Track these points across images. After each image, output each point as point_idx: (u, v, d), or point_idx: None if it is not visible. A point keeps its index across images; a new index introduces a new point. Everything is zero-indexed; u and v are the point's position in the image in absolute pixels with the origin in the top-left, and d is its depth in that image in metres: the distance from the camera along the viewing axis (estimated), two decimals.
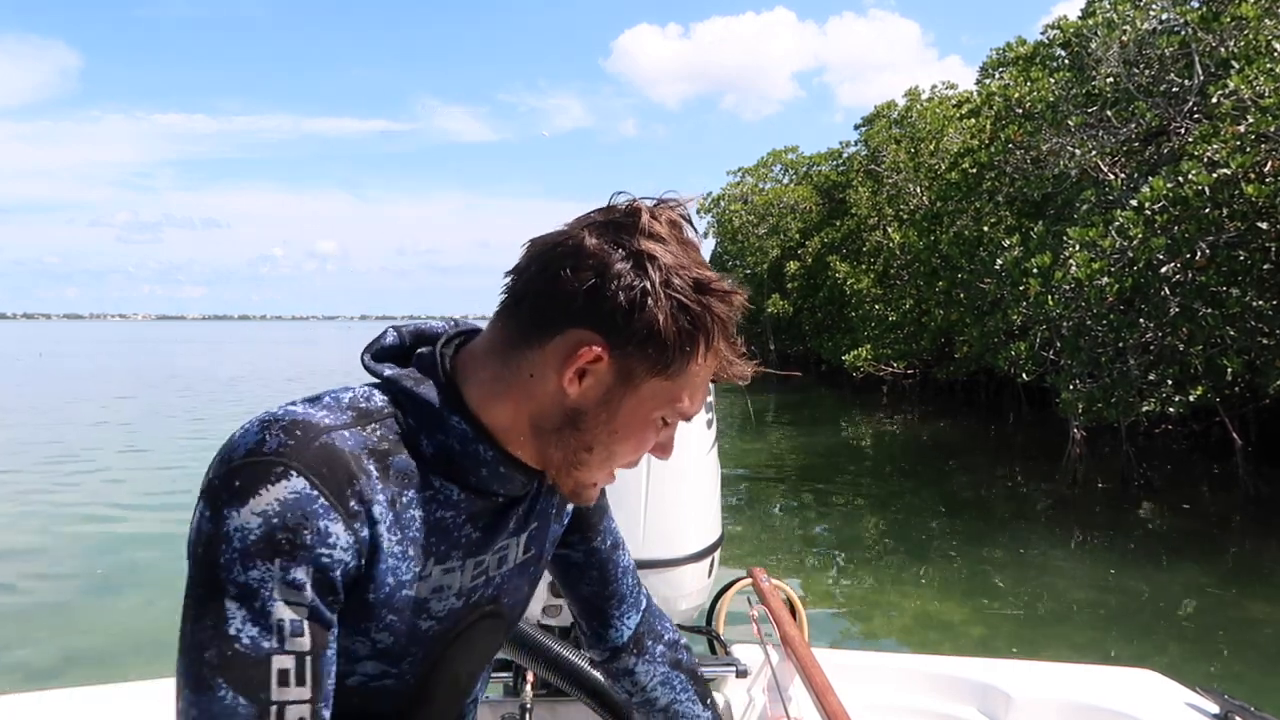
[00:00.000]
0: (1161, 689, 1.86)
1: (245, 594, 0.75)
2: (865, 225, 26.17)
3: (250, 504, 0.76)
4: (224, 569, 0.75)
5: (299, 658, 0.76)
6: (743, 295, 0.83)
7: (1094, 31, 10.85)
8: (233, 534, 0.75)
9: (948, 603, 6.96)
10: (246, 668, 0.74)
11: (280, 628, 0.75)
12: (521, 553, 0.97)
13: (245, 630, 0.75)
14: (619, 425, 0.83)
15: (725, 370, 0.84)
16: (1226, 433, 10.58)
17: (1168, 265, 8.51)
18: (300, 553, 0.76)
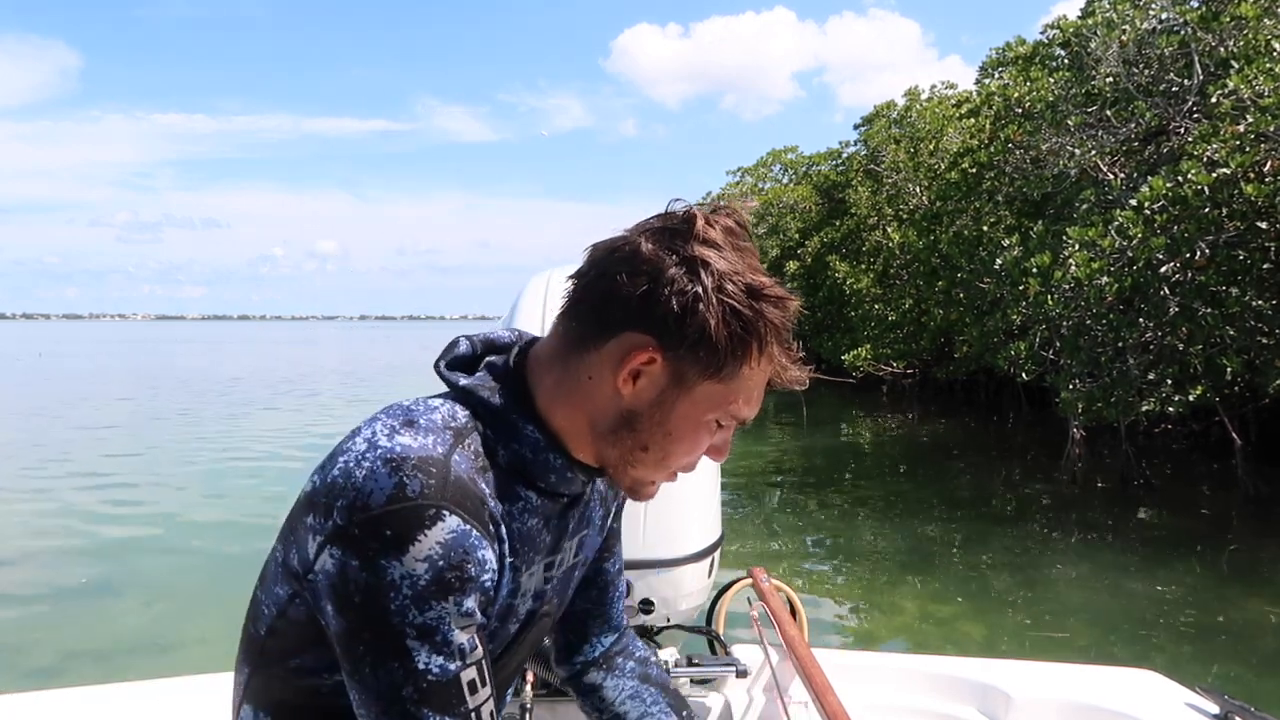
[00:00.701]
0: (1161, 689, 1.86)
1: (425, 632, 0.80)
2: (865, 225, 26.17)
3: (412, 551, 0.78)
4: (397, 614, 0.79)
5: (479, 666, 0.84)
6: (798, 302, 0.84)
7: (1093, 31, 10.85)
8: (400, 582, 0.78)
9: (947, 603, 6.96)
10: (443, 692, 0.81)
11: (462, 650, 0.82)
12: (573, 556, 1.03)
13: (433, 661, 0.81)
14: (672, 427, 0.85)
15: (780, 375, 0.86)
16: (1226, 432, 10.58)
17: (1167, 265, 8.51)
18: (469, 585, 0.81)
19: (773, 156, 37.24)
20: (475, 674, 0.83)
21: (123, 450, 14.53)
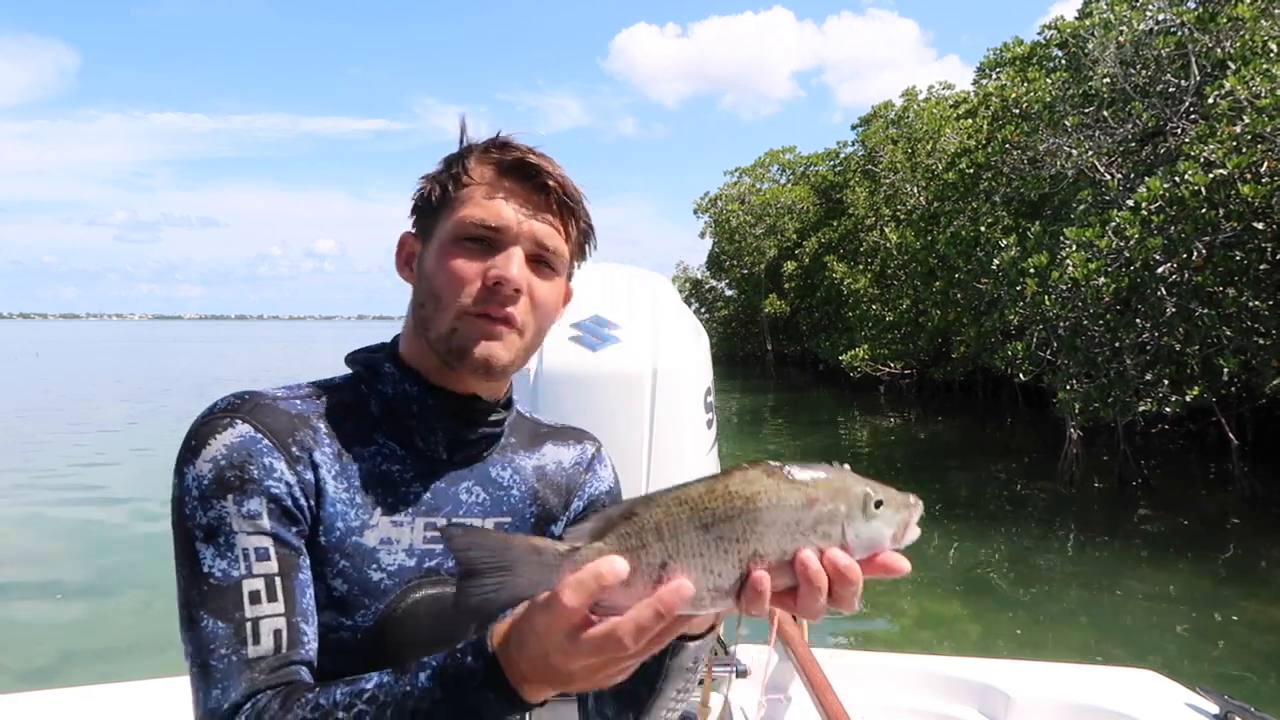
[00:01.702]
0: (1161, 689, 1.86)
1: (210, 533, 0.87)
2: (862, 225, 26.21)
3: (203, 454, 0.90)
4: (189, 517, 0.88)
5: (268, 579, 0.87)
6: (508, 143, 0.99)
7: (1091, 32, 10.87)
8: (191, 485, 0.88)
9: (946, 602, 6.97)
10: (221, 596, 0.85)
11: (246, 555, 0.86)
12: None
13: (217, 565, 0.86)
14: (430, 271, 0.97)
15: (486, 181, 0.98)
16: (1223, 432, 10.61)
17: (1164, 265, 8.53)
18: (250, 486, 0.88)
19: (771, 157, 37.27)
20: (263, 586, 0.86)
21: (123, 449, 14.51)
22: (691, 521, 0.65)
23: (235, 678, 0.83)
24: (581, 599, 0.65)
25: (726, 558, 0.65)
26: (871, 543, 0.68)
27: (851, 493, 0.68)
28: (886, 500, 0.68)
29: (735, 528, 0.65)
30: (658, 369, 1.85)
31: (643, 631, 0.64)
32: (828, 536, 0.67)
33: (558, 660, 0.68)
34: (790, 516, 0.66)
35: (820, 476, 0.67)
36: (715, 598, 0.66)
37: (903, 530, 0.69)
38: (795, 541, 0.66)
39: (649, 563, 0.66)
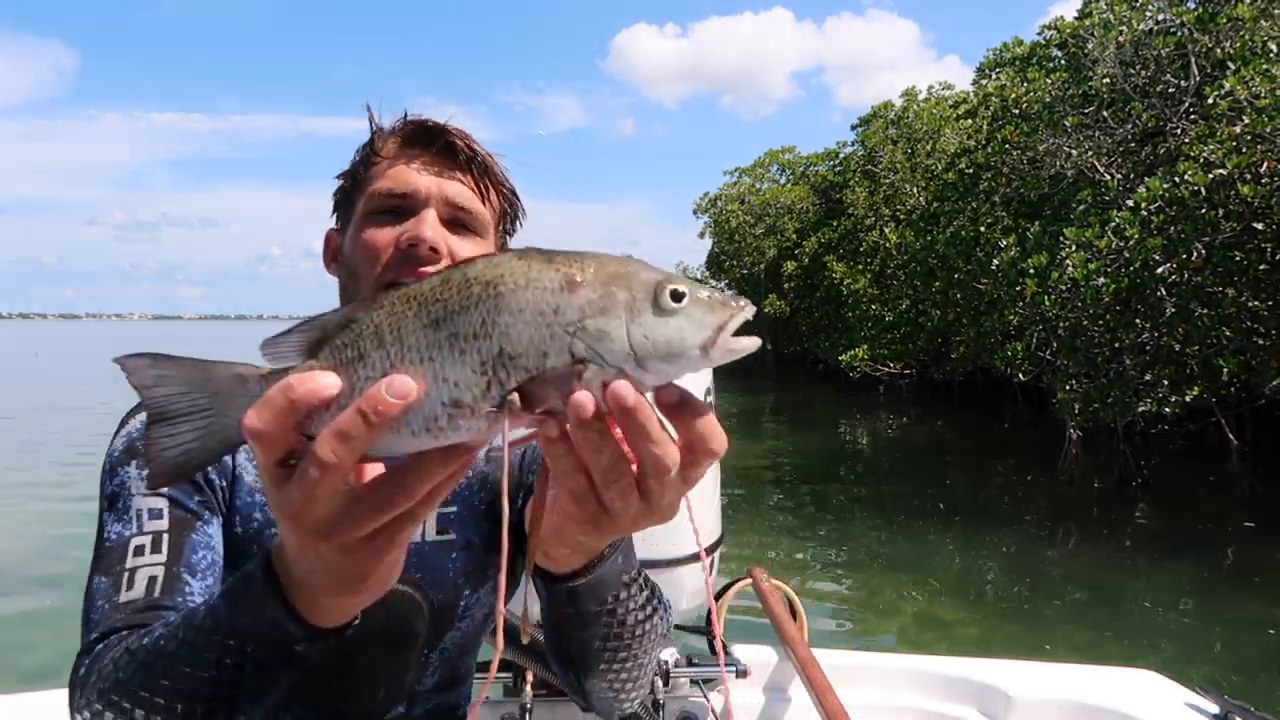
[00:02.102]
0: (1161, 689, 1.86)
1: (112, 500, 0.90)
2: (862, 225, 26.20)
3: (122, 431, 0.93)
4: (100, 493, 0.92)
5: (156, 535, 0.88)
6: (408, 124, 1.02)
7: (1090, 32, 10.87)
8: (106, 460, 0.92)
9: (946, 602, 6.97)
10: (110, 555, 0.87)
11: (139, 516, 0.88)
12: (434, 531, 1.03)
13: (113, 529, 0.89)
14: (346, 250, 1.00)
15: (392, 154, 1.00)
16: (1223, 433, 10.61)
17: (1164, 266, 8.53)
18: None
19: (770, 157, 37.26)
20: (148, 541, 0.87)
21: None
22: (419, 319, 0.50)
23: (105, 621, 0.83)
24: (267, 420, 0.50)
25: (464, 360, 0.49)
26: (669, 349, 0.49)
27: (636, 278, 0.50)
28: (690, 293, 0.51)
29: (472, 319, 0.50)
30: None
31: (345, 440, 0.49)
32: (604, 337, 0.49)
33: (287, 531, 0.55)
34: (544, 302, 0.49)
35: (591, 256, 0.51)
36: (457, 415, 0.50)
37: (716, 336, 0.51)
38: (556, 341, 0.49)
39: (369, 376, 0.51)
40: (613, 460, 0.53)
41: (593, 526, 0.59)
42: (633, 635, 0.88)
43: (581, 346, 0.49)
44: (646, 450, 0.52)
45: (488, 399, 0.50)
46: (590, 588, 0.80)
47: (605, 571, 0.79)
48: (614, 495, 0.55)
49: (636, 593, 0.87)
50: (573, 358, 0.50)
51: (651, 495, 0.55)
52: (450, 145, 0.99)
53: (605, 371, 0.49)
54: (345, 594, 0.59)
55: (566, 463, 0.54)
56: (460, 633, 1.06)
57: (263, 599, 0.63)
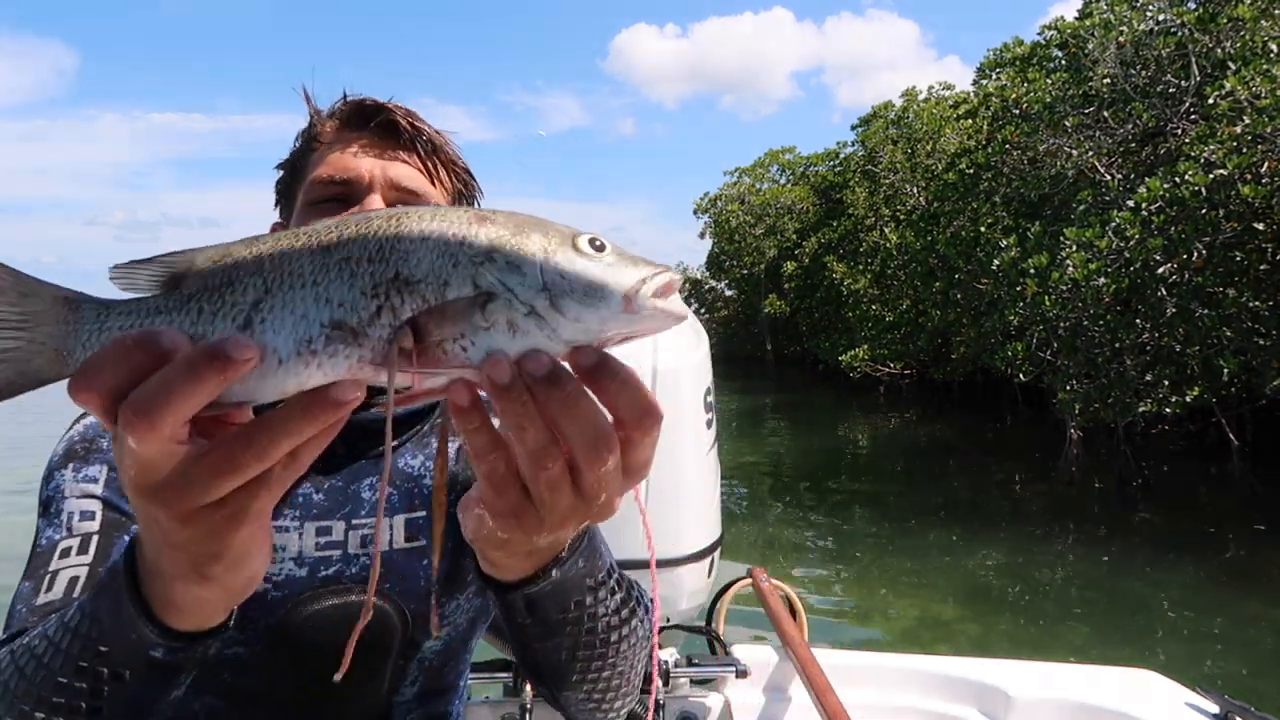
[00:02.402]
0: (1161, 689, 1.86)
1: (46, 505, 0.86)
2: (862, 225, 26.20)
3: (63, 438, 0.89)
4: (39, 498, 0.87)
5: (84, 538, 0.83)
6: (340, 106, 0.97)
7: (1091, 32, 10.87)
8: (47, 466, 0.88)
9: (946, 602, 6.97)
10: (38, 559, 0.83)
11: (70, 518, 0.84)
12: (402, 538, 0.94)
13: (45, 535, 0.85)
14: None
15: (331, 139, 0.95)
16: (1223, 433, 10.61)
17: (1164, 266, 8.53)
18: (94, 455, 0.86)
19: (770, 157, 37.26)
20: (76, 543, 0.82)
21: None
22: (307, 243, 0.45)
23: (18, 624, 0.78)
24: (97, 385, 0.42)
25: (353, 281, 0.44)
26: (586, 290, 0.44)
27: (553, 225, 0.46)
28: (612, 245, 0.46)
29: (368, 244, 0.44)
30: (658, 369, 1.85)
31: (163, 396, 0.41)
32: (514, 269, 0.44)
33: (130, 496, 0.47)
34: (450, 230, 0.45)
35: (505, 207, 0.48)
36: (336, 339, 0.43)
37: (639, 286, 0.45)
38: (460, 270, 0.44)
39: (235, 303, 0.44)
40: (539, 441, 0.46)
41: (515, 522, 0.51)
42: (606, 643, 0.78)
43: (488, 278, 0.44)
44: (576, 430, 0.45)
45: (376, 326, 0.43)
46: (547, 595, 0.70)
47: (564, 577, 0.70)
48: (541, 485, 0.48)
49: (607, 596, 0.77)
50: (475, 289, 0.44)
51: (586, 486, 0.48)
52: (391, 124, 0.91)
53: (512, 310, 0.44)
54: (195, 579, 0.50)
55: (481, 439, 0.47)
56: (441, 641, 1.00)
57: (119, 590, 0.55)
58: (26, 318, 0.46)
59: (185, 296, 0.45)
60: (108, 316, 0.46)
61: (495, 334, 0.44)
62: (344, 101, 0.95)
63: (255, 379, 0.44)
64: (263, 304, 0.44)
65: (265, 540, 0.51)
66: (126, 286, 0.47)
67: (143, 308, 0.46)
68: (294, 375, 0.44)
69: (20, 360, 0.46)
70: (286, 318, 0.44)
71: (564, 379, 0.44)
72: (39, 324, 0.46)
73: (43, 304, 0.46)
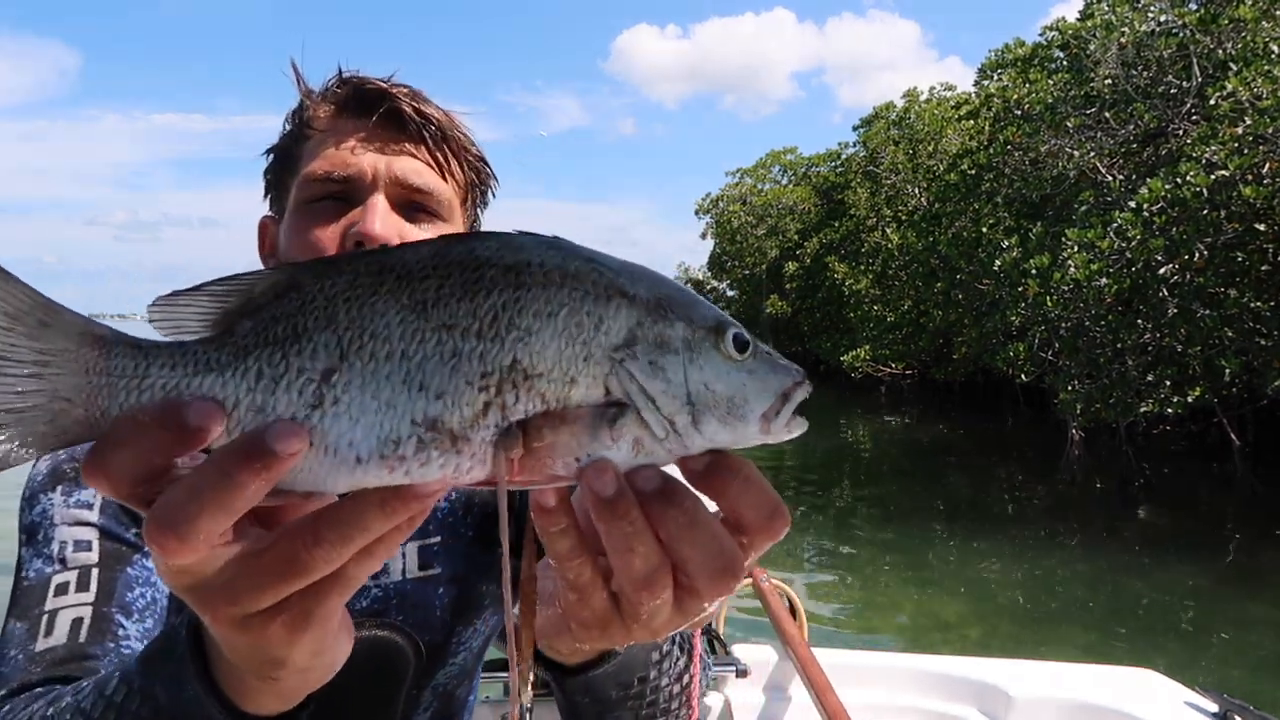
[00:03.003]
0: (1161, 688, 1.86)
1: (32, 532, 0.76)
2: (864, 226, 26.20)
3: (46, 455, 0.79)
4: (20, 524, 0.77)
5: (82, 571, 0.73)
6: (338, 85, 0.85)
7: (1092, 33, 10.87)
8: (26, 487, 0.77)
9: (947, 602, 6.96)
10: (28, 596, 0.73)
11: (63, 548, 0.74)
12: (416, 566, 0.88)
13: (33, 567, 0.75)
14: (283, 247, 0.84)
15: (327, 127, 0.85)
16: (1224, 433, 10.60)
17: (1166, 266, 8.53)
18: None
19: (772, 158, 37.25)
20: (73, 578, 0.72)
21: None
22: (397, 295, 0.35)
23: (17, 675, 0.68)
24: (113, 445, 0.34)
25: (458, 366, 0.35)
26: (729, 409, 0.38)
27: (696, 309, 0.39)
28: (754, 344, 0.40)
29: (479, 310, 0.35)
30: None
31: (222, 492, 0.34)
32: (659, 374, 0.37)
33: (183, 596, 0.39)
34: (584, 310, 0.36)
35: (635, 265, 0.39)
36: (432, 444, 0.35)
37: (780, 405, 0.40)
38: (593, 367, 0.36)
39: (303, 370, 0.35)
40: (649, 566, 0.39)
41: (599, 632, 0.44)
42: (667, 711, 0.72)
43: (621, 384, 0.36)
44: (697, 554, 0.39)
45: (480, 427, 0.35)
46: (609, 676, 0.64)
47: (628, 655, 0.64)
48: (643, 610, 0.41)
49: (670, 666, 0.71)
50: (606, 394, 0.36)
51: (690, 604, 0.41)
52: (395, 112, 0.81)
53: (644, 426, 0.36)
54: (266, 678, 0.44)
55: (567, 544, 0.40)
56: (456, 667, 0.95)
57: (183, 669, 0.48)
58: (46, 359, 0.36)
59: (241, 349, 0.36)
60: (147, 368, 0.37)
61: (617, 452, 0.37)
62: (339, 82, 0.84)
63: (327, 469, 0.36)
64: (337, 377, 0.35)
65: (341, 634, 0.44)
66: (169, 328, 0.38)
67: (190, 360, 0.37)
68: (371, 478, 0.36)
69: (37, 418, 0.36)
70: (367, 403, 0.35)
71: (681, 494, 0.38)
72: (62, 370, 0.36)
73: (67, 341, 0.36)
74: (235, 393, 0.36)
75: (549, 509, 0.39)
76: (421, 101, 0.83)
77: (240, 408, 0.36)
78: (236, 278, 0.38)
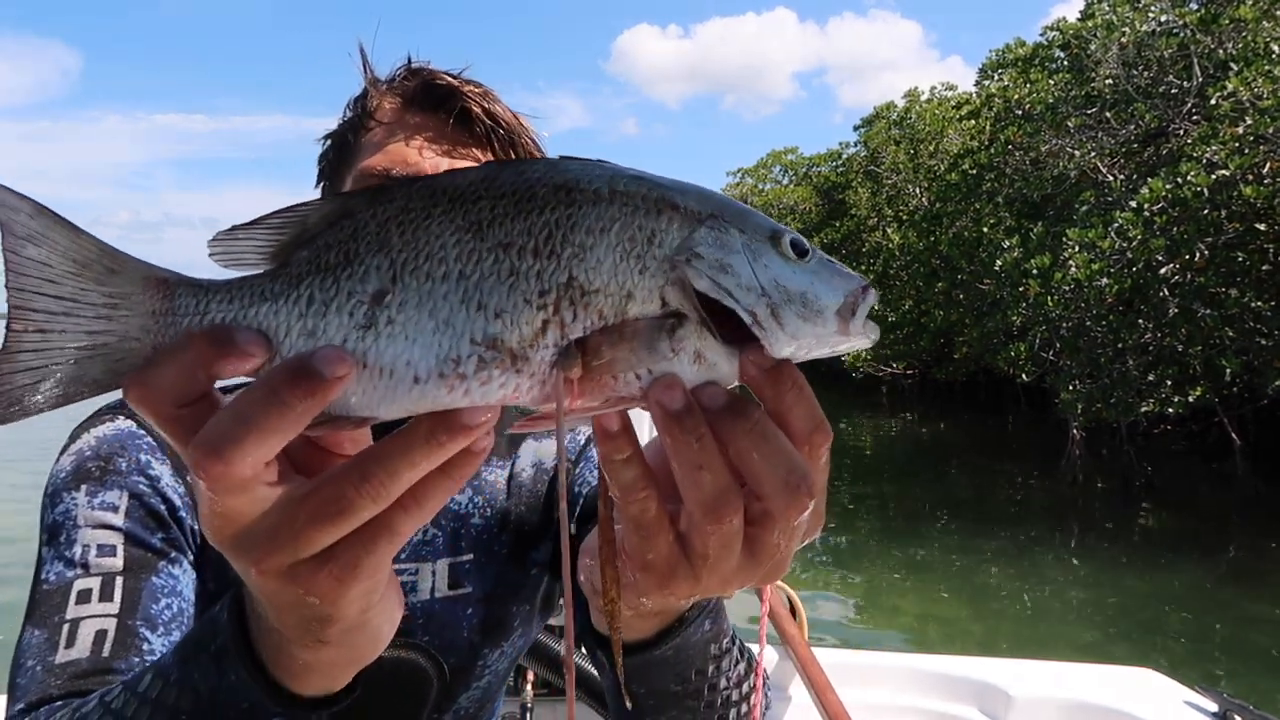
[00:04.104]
0: (1161, 688, 1.86)
1: (53, 533, 0.73)
2: (865, 226, 26.20)
3: (70, 449, 0.75)
4: (41, 522, 0.74)
5: (106, 578, 0.70)
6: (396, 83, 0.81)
7: (1093, 33, 10.87)
8: (48, 484, 0.75)
9: (947, 602, 6.97)
10: (47, 600, 0.70)
11: (85, 551, 0.71)
12: (446, 585, 0.85)
13: (52, 568, 0.72)
14: None
15: (390, 119, 0.80)
16: (1225, 433, 10.60)
17: (1167, 266, 8.53)
18: (111, 477, 0.72)
19: (773, 157, 37.25)
20: (97, 585, 0.69)
21: None
22: (452, 216, 0.36)
23: (36, 688, 0.66)
24: (161, 365, 0.35)
25: (515, 284, 0.35)
26: (804, 303, 0.37)
27: (749, 215, 0.39)
28: (814, 250, 0.40)
29: (534, 227, 0.35)
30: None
31: (268, 415, 0.33)
32: (727, 269, 0.36)
33: (221, 550, 0.38)
34: (636, 222, 0.36)
35: (685, 182, 0.39)
36: (492, 363, 0.35)
37: (854, 305, 0.39)
38: (650, 278, 0.36)
39: (353, 293, 0.35)
40: (718, 487, 0.37)
41: (664, 579, 0.40)
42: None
43: (677, 293, 0.35)
44: (768, 471, 0.37)
45: (539, 346, 0.35)
46: (666, 662, 0.60)
47: (687, 640, 0.60)
48: (712, 542, 0.38)
49: (730, 667, 0.66)
50: (663, 305, 0.36)
51: (761, 538, 0.39)
52: (464, 112, 0.78)
53: (703, 336, 0.36)
54: (309, 643, 0.42)
55: (631, 473, 0.38)
56: (479, 690, 0.91)
57: (224, 654, 0.46)
58: (114, 302, 0.37)
59: (294, 277, 0.36)
60: (207, 304, 0.37)
61: (679, 365, 0.36)
62: (408, 73, 0.80)
63: (382, 392, 0.35)
64: (390, 298, 0.35)
65: (390, 595, 0.43)
66: (229, 262, 0.38)
67: (246, 292, 0.37)
68: (429, 399, 0.35)
69: (109, 356, 0.37)
70: (424, 322, 0.35)
71: (750, 407, 0.37)
72: (129, 312, 0.37)
73: (132, 285, 0.37)
74: (287, 320, 0.36)
75: (612, 433, 0.37)
76: (492, 102, 0.79)
77: (292, 334, 0.36)
78: (293, 209, 0.38)
